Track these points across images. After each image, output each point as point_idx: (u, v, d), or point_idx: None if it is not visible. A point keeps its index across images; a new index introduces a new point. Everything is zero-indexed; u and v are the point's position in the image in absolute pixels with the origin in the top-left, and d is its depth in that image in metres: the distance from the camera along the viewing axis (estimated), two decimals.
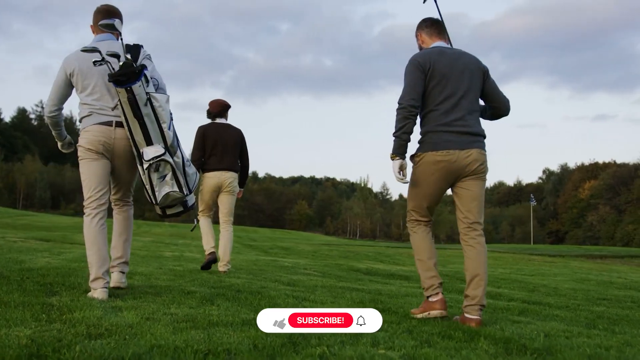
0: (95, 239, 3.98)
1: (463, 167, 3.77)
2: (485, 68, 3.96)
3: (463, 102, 3.79)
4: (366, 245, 24.00)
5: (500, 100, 4.03)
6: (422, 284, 3.93)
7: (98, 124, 4.04)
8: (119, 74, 3.83)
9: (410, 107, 3.72)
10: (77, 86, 4.09)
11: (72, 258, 7.31)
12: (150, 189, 4.12)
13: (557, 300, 6.43)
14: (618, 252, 24.56)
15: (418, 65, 3.78)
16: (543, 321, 4.32)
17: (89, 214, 4.05)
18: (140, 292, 4.17)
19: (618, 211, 78.06)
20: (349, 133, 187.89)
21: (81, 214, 4.24)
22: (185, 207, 4.37)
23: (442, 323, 3.59)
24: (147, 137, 3.97)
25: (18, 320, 2.93)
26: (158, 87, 4.13)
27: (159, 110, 3.96)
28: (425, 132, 3.83)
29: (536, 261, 17.94)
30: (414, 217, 4.00)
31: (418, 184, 3.87)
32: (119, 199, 4.42)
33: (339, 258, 15.01)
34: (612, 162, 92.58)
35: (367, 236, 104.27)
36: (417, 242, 3.98)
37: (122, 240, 4.38)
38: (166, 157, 4.01)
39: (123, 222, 4.43)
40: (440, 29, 4.07)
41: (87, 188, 4.07)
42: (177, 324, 3.07)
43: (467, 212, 3.84)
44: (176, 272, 6.15)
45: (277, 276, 6.85)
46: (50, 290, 4.02)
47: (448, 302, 4.38)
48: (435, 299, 3.84)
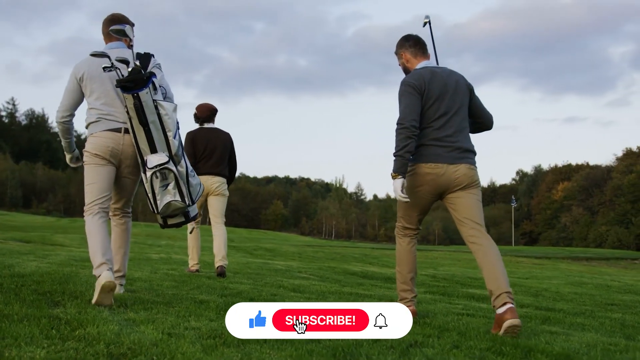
0: (97, 231, 3.92)
1: (451, 181, 3.87)
2: (470, 86, 4.11)
3: (455, 119, 3.93)
4: (349, 246, 23.79)
5: (485, 116, 4.22)
6: (398, 294, 4.12)
7: (107, 130, 4.02)
8: (126, 79, 3.80)
9: (412, 128, 3.81)
10: (85, 91, 4.08)
11: (60, 261, 6.93)
12: (152, 197, 4.03)
13: (567, 306, 6.26)
14: (603, 254, 24.70)
15: (415, 87, 3.87)
16: (574, 331, 4.12)
17: (90, 212, 4.00)
18: (149, 302, 3.84)
19: (591, 212, 79.10)
20: (323, 133, 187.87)
21: (53, 213, 4.05)
22: (187, 218, 4.26)
23: (487, 337, 3.33)
24: (152, 145, 3.93)
25: (27, 338, 2.61)
26: (166, 96, 4.09)
27: (165, 118, 3.91)
28: (418, 146, 3.92)
29: (524, 263, 17.88)
30: (403, 225, 4.13)
31: (408, 194, 3.91)
32: (119, 209, 4.31)
33: (327, 260, 14.77)
34: (585, 164, 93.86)
35: (343, 236, 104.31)
36: (401, 254, 4.12)
37: (120, 253, 4.25)
38: (169, 166, 3.95)
39: (122, 235, 4.31)
40: (424, 47, 4.17)
41: (90, 193, 4.02)
42: (204, 341, 2.78)
43: (466, 220, 3.89)
44: (175, 278, 5.83)
45: (278, 281, 6.57)
46: (52, 300, 3.68)
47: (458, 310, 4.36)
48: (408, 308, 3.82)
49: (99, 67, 3.96)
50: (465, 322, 3.97)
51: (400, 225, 4.13)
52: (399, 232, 4.14)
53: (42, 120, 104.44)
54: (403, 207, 4.07)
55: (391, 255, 18.43)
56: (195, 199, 4.17)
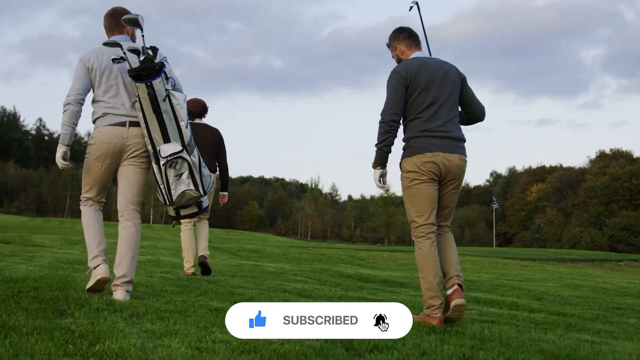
0: (93, 221, 4.06)
1: (447, 169, 3.91)
2: (463, 76, 4.13)
3: (443, 109, 3.94)
4: (333, 248, 23.54)
5: (476, 107, 4.20)
6: (424, 302, 3.90)
7: (112, 125, 3.96)
8: (140, 69, 3.78)
9: (392, 122, 3.88)
10: (94, 82, 4.01)
11: (49, 264, 6.58)
12: (165, 187, 3.98)
13: (576, 310, 6.13)
14: (588, 256, 24.80)
15: (399, 78, 3.90)
16: (607, 339, 3.95)
17: (86, 203, 4.11)
18: (162, 311, 3.54)
19: (565, 214, 79.90)
20: (298, 133, 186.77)
21: (25, 212, 3.96)
22: (199, 208, 4.23)
23: (532, 348, 3.11)
24: (165, 135, 3.88)
25: (44, 355, 2.33)
26: (175, 87, 4.06)
27: (177, 108, 3.89)
28: (409, 138, 3.96)
29: (511, 265, 17.82)
30: (419, 224, 3.92)
31: (411, 189, 3.93)
32: (129, 203, 4.09)
33: (315, 262, 14.55)
34: (559, 166, 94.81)
35: (319, 237, 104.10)
36: (423, 259, 3.89)
37: (129, 257, 4.01)
38: (184, 155, 3.93)
39: (132, 237, 4.06)
40: (418, 39, 4.20)
41: (87, 185, 4.07)
42: (239, 356, 2.51)
43: (443, 211, 4.01)
44: (175, 282, 5.54)
45: (278, 284, 6.31)
46: (57, 309, 3.38)
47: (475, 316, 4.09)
48: (435, 316, 3.79)
49: (108, 58, 3.93)
50: (498, 330, 3.76)
51: (417, 226, 3.92)
52: (419, 235, 3.92)
53: (13, 118, 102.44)
54: (413, 205, 3.93)
55: (377, 257, 18.26)
56: (207, 190, 4.12)
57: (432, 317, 3.76)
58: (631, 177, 70.06)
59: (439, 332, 3.45)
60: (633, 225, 65.52)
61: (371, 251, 21.69)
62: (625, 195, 69.99)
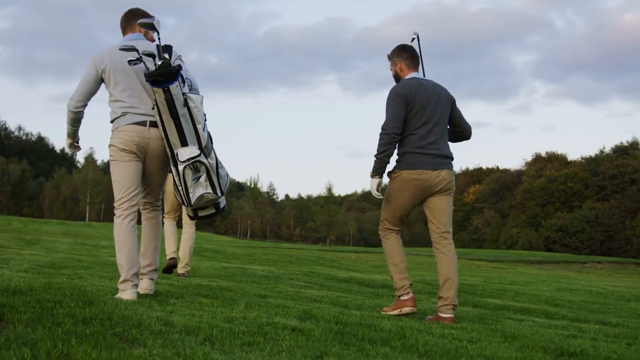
0: (126, 241, 3.95)
1: (434, 186, 4.24)
2: (452, 98, 4.49)
3: (436, 128, 4.29)
4: (295, 248, 23.03)
5: (464, 127, 4.59)
6: (395, 285, 4.36)
7: (132, 123, 3.97)
8: (157, 73, 3.75)
9: (394, 134, 4.20)
10: (108, 82, 4.02)
11: (33, 268, 5.72)
12: (184, 190, 4.03)
13: (595, 316, 5.98)
14: (553, 257, 25.02)
15: (402, 97, 4.22)
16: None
17: (120, 215, 4.01)
18: (238, 332, 2.89)
19: (502, 215, 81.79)
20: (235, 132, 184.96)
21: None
22: (217, 209, 4.28)
23: None
24: (182, 138, 3.91)
25: None
26: (192, 87, 4.09)
27: (194, 111, 3.91)
28: (403, 153, 4.28)
29: (483, 267, 17.68)
30: (387, 226, 4.44)
31: (393, 197, 4.35)
32: (149, 202, 4.31)
33: (289, 264, 13.97)
34: (496, 168, 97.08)
35: (258, 236, 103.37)
36: (390, 248, 4.39)
37: (152, 247, 4.28)
38: (201, 159, 3.96)
39: (153, 229, 4.32)
40: (418, 61, 4.54)
41: (119, 189, 4.02)
42: None
43: (439, 223, 4.30)
44: (173, 283, 5.17)
45: (282, 290, 5.79)
46: (114, 333, 2.66)
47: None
48: (407, 298, 4.30)
49: (122, 58, 3.91)
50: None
51: (385, 227, 4.44)
52: (384, 233, 4.46)
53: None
54: (387, 210, 4.39)
55: (346, 259, 17.80)
56: (224, 190, 4.16)
57: (404, 301, 4.27)
58: (566, 179, 72.32)
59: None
60: (568, 226, 67.62)
61: (336, 252, 21.30)
62: (560, 197, 72.19)
